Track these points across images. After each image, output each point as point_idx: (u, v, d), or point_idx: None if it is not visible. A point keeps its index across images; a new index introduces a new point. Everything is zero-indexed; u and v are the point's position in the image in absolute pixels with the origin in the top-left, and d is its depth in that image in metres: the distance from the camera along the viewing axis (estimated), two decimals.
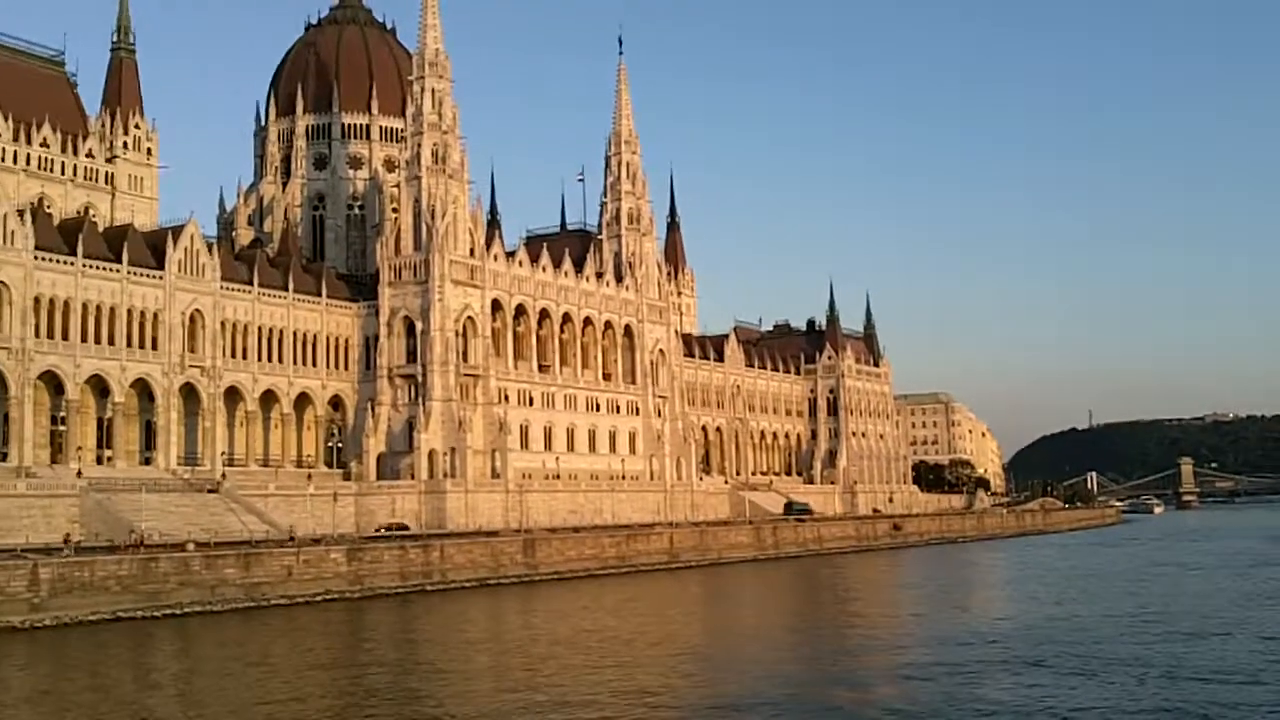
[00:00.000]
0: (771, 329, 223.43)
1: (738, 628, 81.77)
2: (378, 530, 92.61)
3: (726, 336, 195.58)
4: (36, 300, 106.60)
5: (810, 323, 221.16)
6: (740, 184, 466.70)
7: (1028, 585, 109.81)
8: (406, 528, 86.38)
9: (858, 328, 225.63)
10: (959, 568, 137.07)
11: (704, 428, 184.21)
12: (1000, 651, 64.16)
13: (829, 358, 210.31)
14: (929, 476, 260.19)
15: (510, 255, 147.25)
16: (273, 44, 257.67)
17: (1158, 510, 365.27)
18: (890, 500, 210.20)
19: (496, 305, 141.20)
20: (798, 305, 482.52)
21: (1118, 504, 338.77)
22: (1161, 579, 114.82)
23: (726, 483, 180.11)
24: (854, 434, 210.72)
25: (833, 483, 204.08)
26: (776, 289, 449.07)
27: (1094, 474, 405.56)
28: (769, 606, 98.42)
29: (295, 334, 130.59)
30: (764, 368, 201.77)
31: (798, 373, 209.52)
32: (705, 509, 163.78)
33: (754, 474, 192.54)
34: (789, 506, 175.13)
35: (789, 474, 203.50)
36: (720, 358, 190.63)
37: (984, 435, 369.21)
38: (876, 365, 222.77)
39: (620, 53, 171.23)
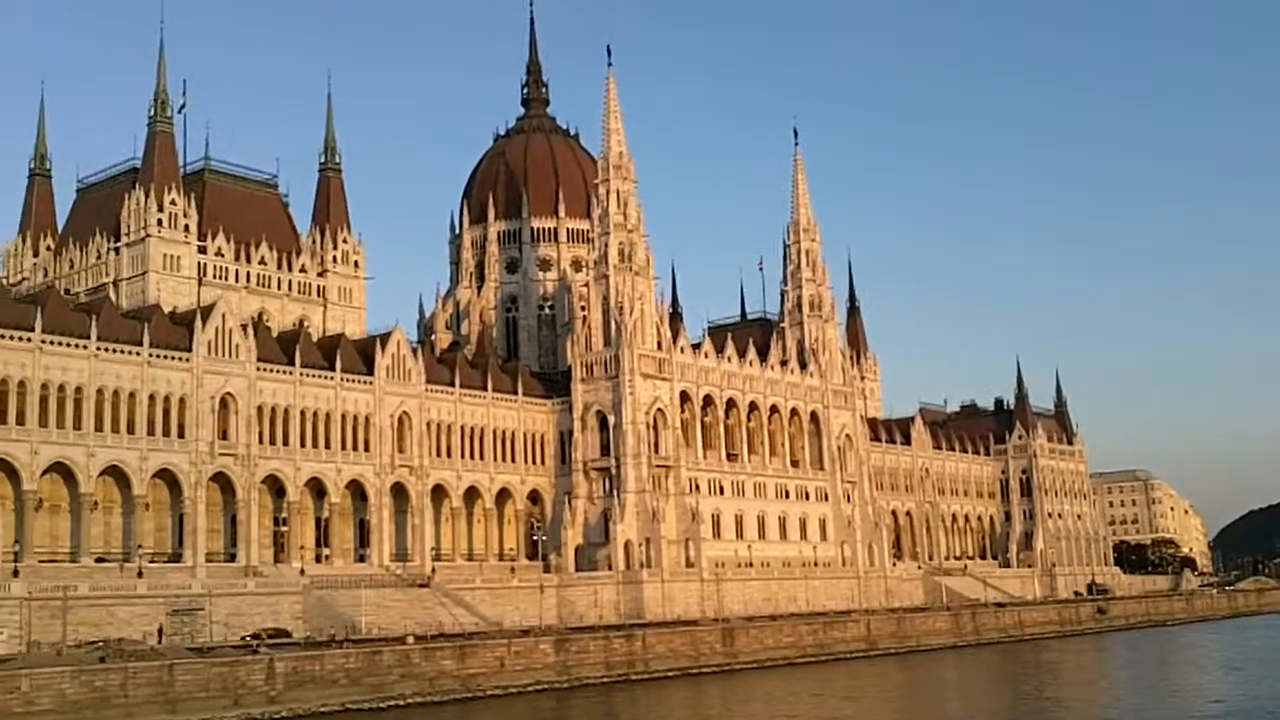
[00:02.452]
0: (958, 410, 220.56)
1: (955, 716, 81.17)
2: (247, 637, 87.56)
3: (912, 419, 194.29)
4: (259, 409, 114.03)
5: (998, 402, 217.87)
6: (919, 266, 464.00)
7: (1252, 669, 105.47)
8: (288, 634, 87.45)
9: (1048, 405, 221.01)
10: (1174, 651, 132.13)
11: (893, 512, 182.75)
12: None
13: (1019, 437, 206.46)
14: (1130, 557, 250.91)
15: (696, 347, 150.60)
16: (464, 156, 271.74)
17: None
18: (1092, 583, 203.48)
19: (685, 396, 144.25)
20: (984, 384, 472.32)
21: None
22: None
23: (919, 568, 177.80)
24: (1049, 515, 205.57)
25: (1030, 566, 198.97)
26: (961, 369, 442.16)
27: None
28: (978, 693, 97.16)
29: (495, 432, 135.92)
30: (952, 449, 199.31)
31: (987, 453, 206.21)
32: (899, 595, 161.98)
33: (947, 558, 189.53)
34: (1090, 588, 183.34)
35: (983, 557, 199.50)
36: (907, 441, 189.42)
37: (1186, 512, 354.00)
38: (1070, 443, 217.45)
39: (796, 143, 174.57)
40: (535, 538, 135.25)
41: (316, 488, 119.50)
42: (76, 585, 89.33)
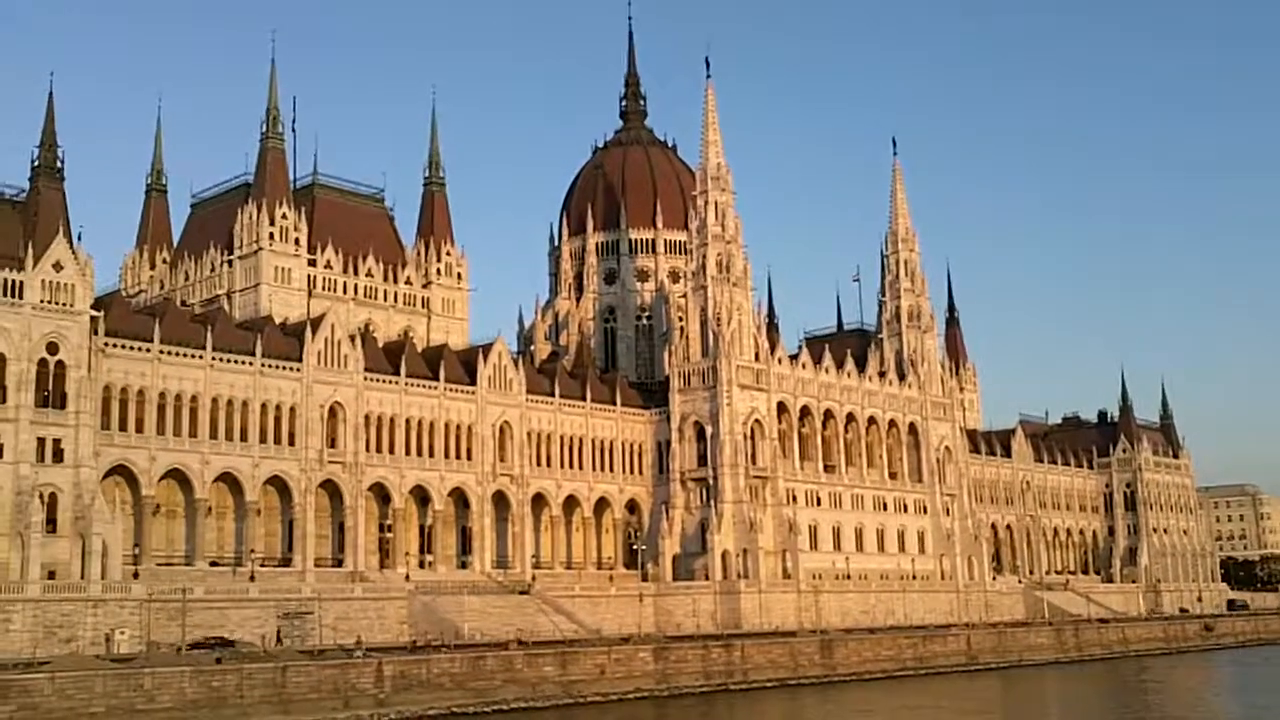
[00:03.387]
0: (1060, 422, 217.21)
1: None
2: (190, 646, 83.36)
3: (1013, 431, 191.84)
4: (366, 418, 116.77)
5: (1102, 414, 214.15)
6: (1020, 275, 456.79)
7: None
8: (232, 643, 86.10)
9: (1153, 417, 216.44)
10: None
11: (993, 525, 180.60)
12: None
13: (1123, 450, 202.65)
14: (1238, 574, 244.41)
15: (793, 358, 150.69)
16: (563, 168, 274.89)
17: None
18: (1199, 600, 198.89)
19: (782, 407, 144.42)
20: (1087, 396, 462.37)
21: None
22: None
23: (1020, 582, 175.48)
24: (1154, 530, 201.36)
25: (1134, 581, 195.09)
26: (1063, 380, 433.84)
27: None
28: (1081, 710, 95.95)
29: (593, 441, 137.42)
30: (1054, 462, 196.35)
31: (1090, 467, 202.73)
32: (999, 609, 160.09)
33: (1048, 573, 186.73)
34: (1231, 604, 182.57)
35: (1085, 572, 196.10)
36: (1007, 453, 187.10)
37: None
38: (1176, 456, 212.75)
39: (895, 153, 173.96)
40: (634, 547, 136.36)
41: (420, 495, 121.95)
42: (193, 588, 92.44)
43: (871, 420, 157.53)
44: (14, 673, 67.83)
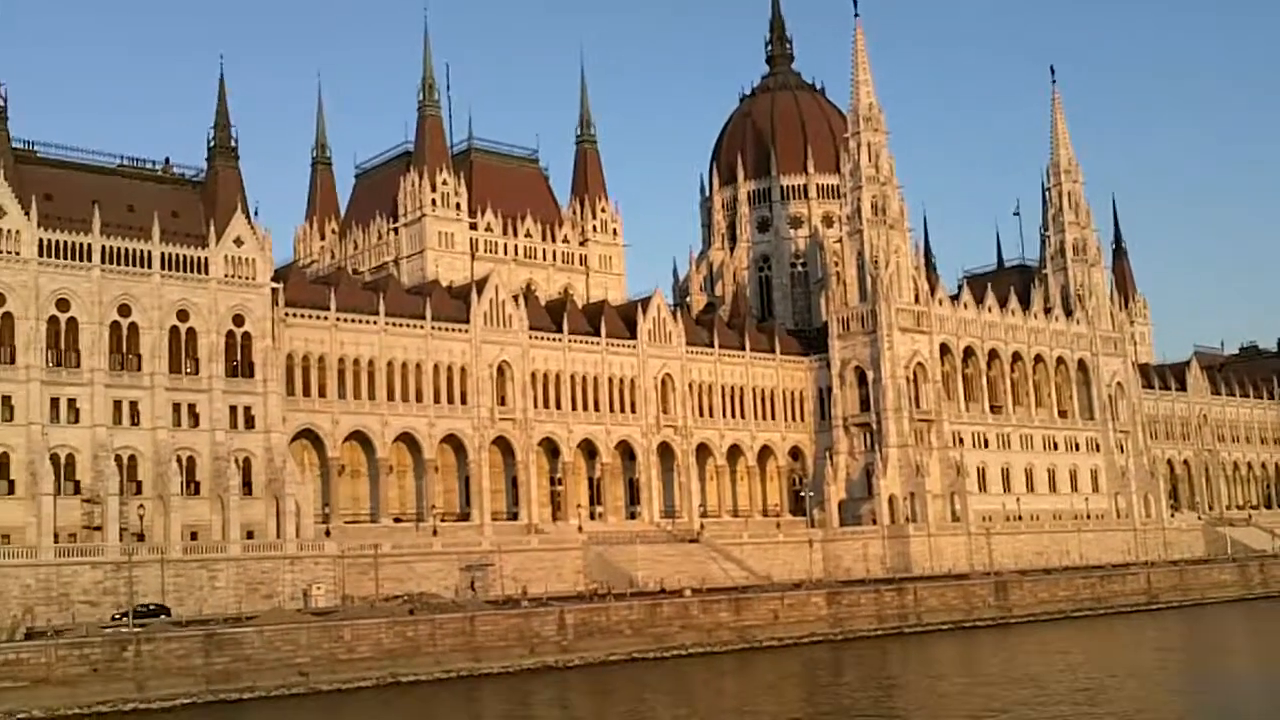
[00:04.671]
0: (1237, 352, 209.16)
1: (1244, 669, 78.74)
2: (116, 616, 77.75)
3: (1187, 364, 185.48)
4: (533, 375, 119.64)
5: None
6: (1190, 203, 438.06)
7: None
8: (167, 610, 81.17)
9: None
10: None
11: (1169, 461, 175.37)
12: None
13: None
14: None
15: (954, 298, 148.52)
16: (711, 118, 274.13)
17: None
18: None
19: (944, 349, 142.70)
20: (1265, 324, 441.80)
21: None
22: None
23: (1199, 518, 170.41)
24: None
25: None
26: (1239, 308, 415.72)
27: None
28: (1270, 647, 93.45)
29: (754, 390, 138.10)
30: (1232, 394, 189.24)
31: (1270, 397, 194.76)
32: (1178, 547, 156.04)
33: (1228, 508, 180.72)
34: None
35: (1268, 506, 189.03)
36: (1182, 387, 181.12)
37: None
38: None
39: (1053, 81, 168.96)
40: (800, 493, 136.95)
41: (588, 448, 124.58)
42: (380, 544, 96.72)
43: (1038, 358, 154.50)
44: (225, 627, 72.37)
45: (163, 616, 78.61)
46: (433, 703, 69.37)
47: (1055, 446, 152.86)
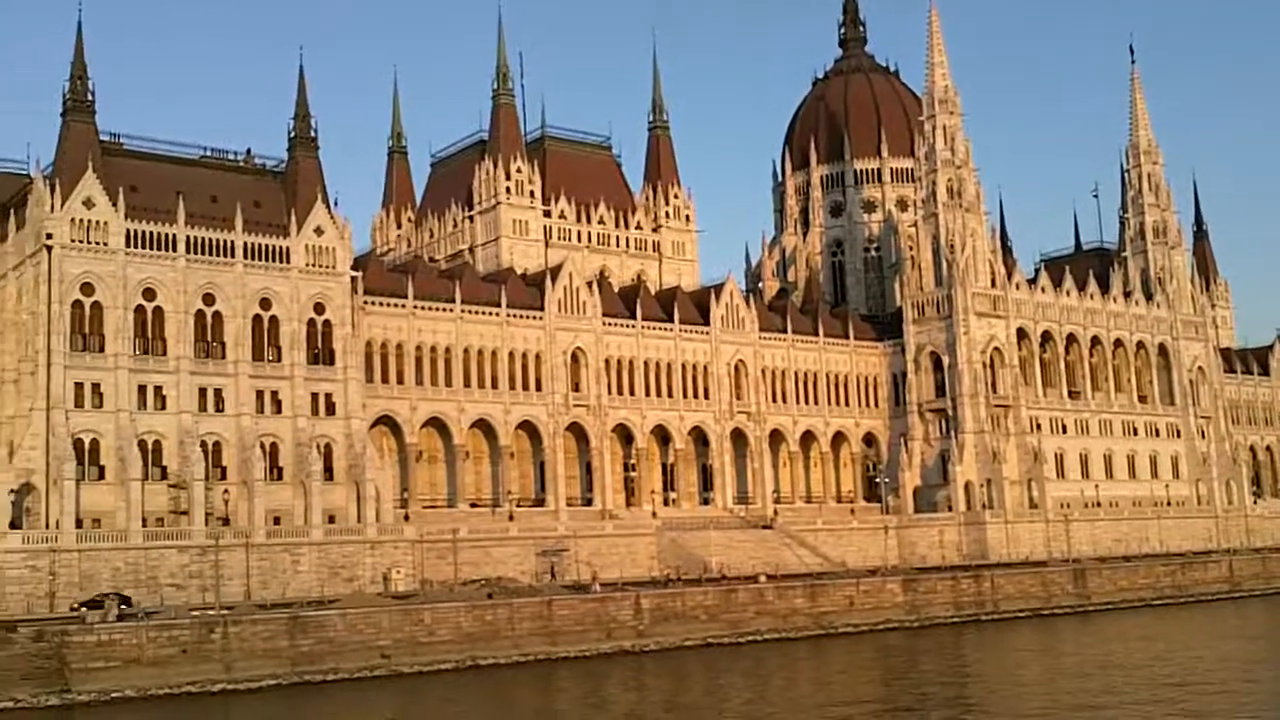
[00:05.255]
0: None
1: None
2: (74, 607, 74.72)
3: (1270, 348, 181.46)
4: (606, 361, 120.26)
5: None
6: (1274, 181, 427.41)
7: None
8: (128, 600, 76.72)
9: None
10: None
11: (1251, 447, 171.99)
12: None
13: None
14: None
15: (1030, 282, 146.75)
16: (783, 102, 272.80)
17: None
18: None
19: (1021, 334, 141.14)
20: None
21: None
22: None
23: None
24: None
25: None
26: None
27: None
28: None
29: (828, 376, 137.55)
30: None
31: None
32: (1261, 534, 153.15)
33: None
34: None
35: None
36: (1265, 371, 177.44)
37: None
38: None
39: (1132, 60, 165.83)
40: (874, 480, 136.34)
41: (661, 435, 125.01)
42: (458, 529, 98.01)
43: (1117, 343, 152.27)
44: (310, 609, 73.91)
45: (122, 606, 73.76)
46: (511, 686, 70.38)
47: (1135, 432, 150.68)
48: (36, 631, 65.52)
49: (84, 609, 72.37)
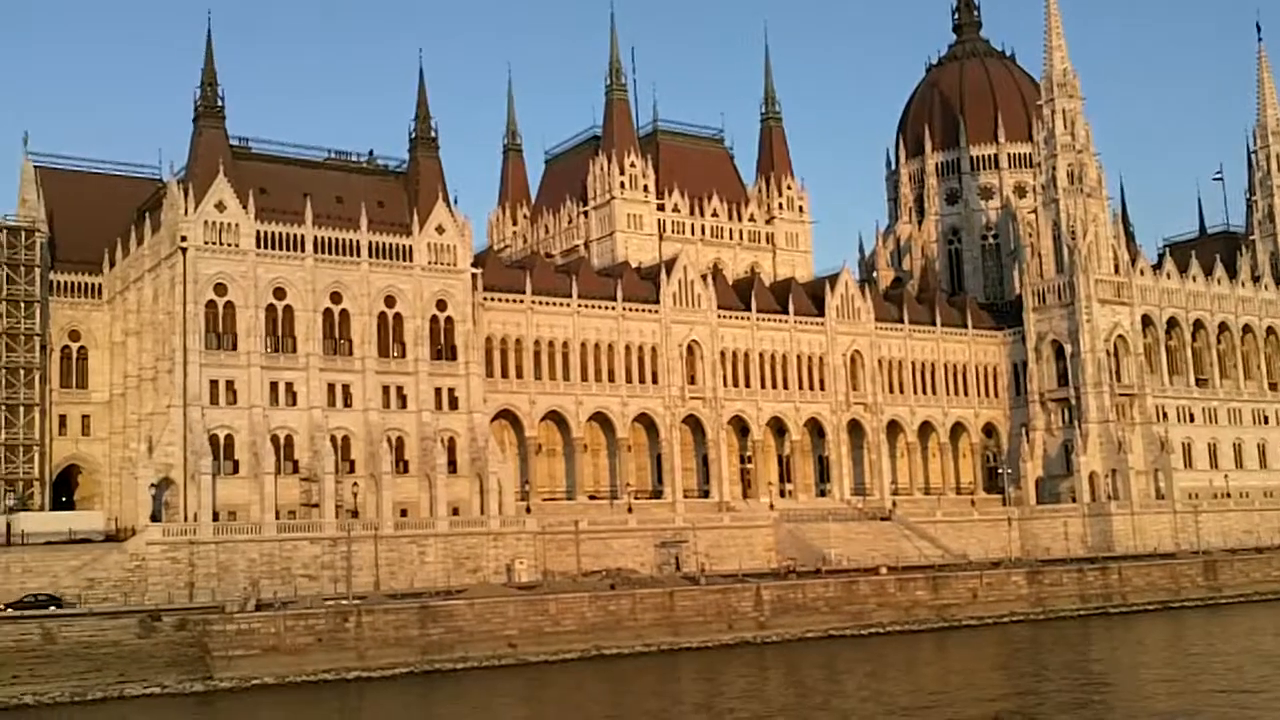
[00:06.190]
0: None
1: None
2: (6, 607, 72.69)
3: None
4: (721, 353, 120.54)
5: None
6: None
7: None
8: (59, 600, 74.42)
9: None
10: None
11: None
12: None
13: None
14: None
15: (1155, 267, 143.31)
16: (896, 90, 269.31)
17: None
18: None
19: (1146, 321, 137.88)
20: None
21: None
22: None
23: None
24: None
25: None
26: None
27: None
28: None
29: (945, 366, 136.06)
30: None
31: None
32: None
33: None
34: None
35: None
36: None
37: None
38: None
39: (1260, 38, 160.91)
40: (998, 471, 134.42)
41: (777, 426, 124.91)
42: (579, 521, 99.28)
43: (1246, 328, 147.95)
44: (438, 599, 75.70)
45: (52, 608, 72.43)
46: (636, 675, 71.26)
47: (1265, 420, 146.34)
48: (179, 620, 68.27)
49: (7, 608, 70.98)
